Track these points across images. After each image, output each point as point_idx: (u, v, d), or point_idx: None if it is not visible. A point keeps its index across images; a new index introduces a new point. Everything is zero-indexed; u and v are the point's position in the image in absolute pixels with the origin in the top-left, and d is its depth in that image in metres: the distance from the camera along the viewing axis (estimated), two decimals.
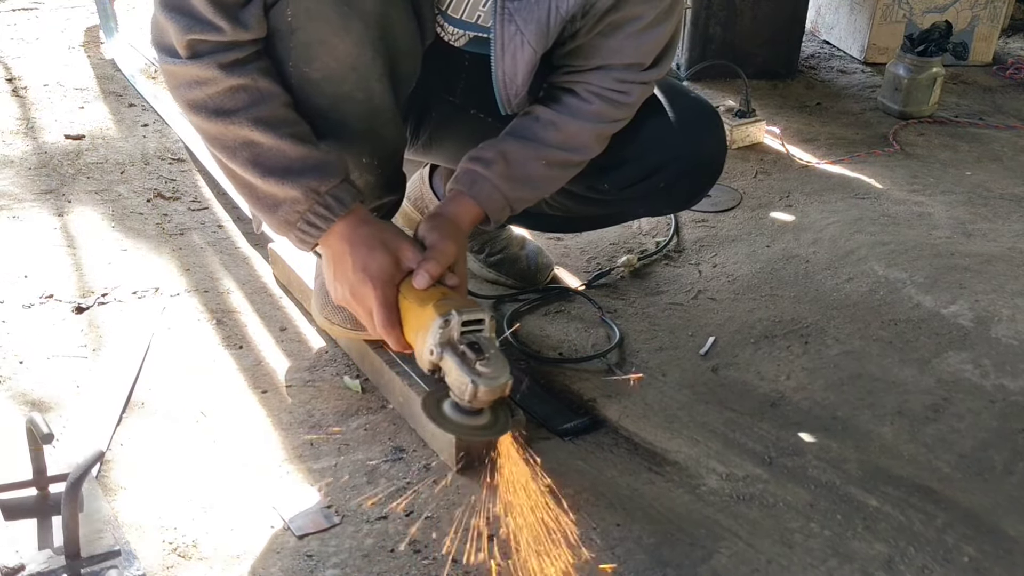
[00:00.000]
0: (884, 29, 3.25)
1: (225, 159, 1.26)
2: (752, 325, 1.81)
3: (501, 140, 1.41)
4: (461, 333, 1.18)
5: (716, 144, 1.57)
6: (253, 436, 1.47)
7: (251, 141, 1.22)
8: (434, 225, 1.33)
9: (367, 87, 1.30)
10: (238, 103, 1.21)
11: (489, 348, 1.17)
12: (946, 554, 1.28)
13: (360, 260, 1.24)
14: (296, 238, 1.28)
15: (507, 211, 1.42)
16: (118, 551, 1.15)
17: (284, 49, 1.25)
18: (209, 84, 1.20)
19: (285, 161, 1.23)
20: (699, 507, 1.35)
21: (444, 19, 1.40)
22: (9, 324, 1.72)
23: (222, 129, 1.22)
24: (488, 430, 1.19)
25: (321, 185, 1.24)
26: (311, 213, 1.24)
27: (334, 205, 1.25)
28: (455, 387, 1.16)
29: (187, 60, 1.19)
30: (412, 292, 1.24)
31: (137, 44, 3.13)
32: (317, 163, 1.24)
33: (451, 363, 1.16)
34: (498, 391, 1.15)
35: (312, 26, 1.23)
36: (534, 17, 1.28)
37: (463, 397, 1.15)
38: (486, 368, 1.15)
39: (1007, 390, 1.62)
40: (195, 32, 1.17)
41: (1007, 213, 2.28)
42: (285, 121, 1.24)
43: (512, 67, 1.33)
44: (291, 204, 1.24)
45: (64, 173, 2.30)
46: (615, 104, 1.40)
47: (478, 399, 1.15)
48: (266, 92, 1.22)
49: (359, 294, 1.26)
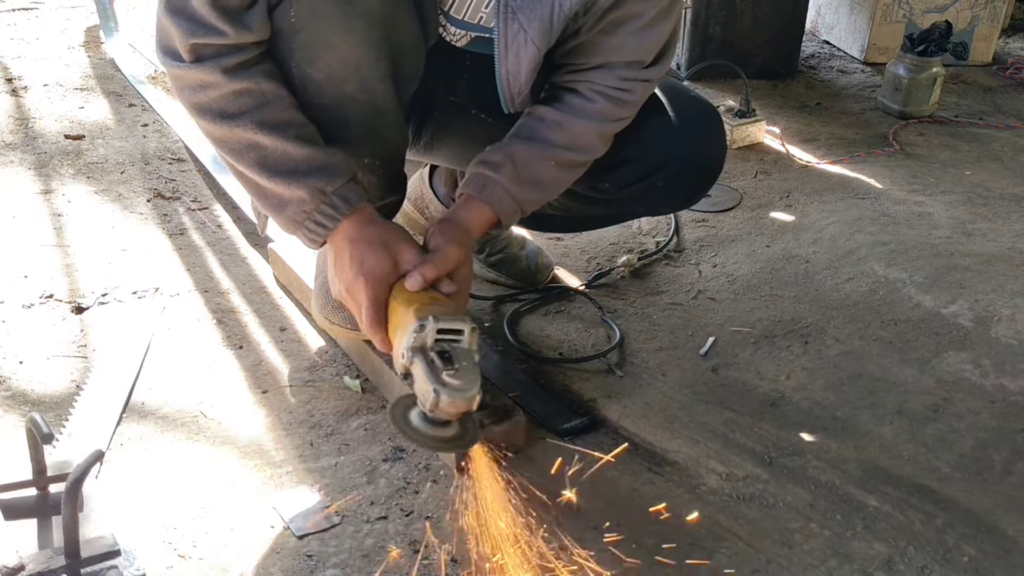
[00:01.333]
0: (884, 29, 3.25)
1: (232, 161, 1.26)
2: (752, 325, 1.81)
3: (508, 143, 1.41)
4: (436, 340, 1.14)
5: (716, 143, 1.57)
6: (253, 436, 1.47)
7: (256, 143, 1.23)
8: (441, 230, 1.32)
9: (370, 88, 1.30)
10: (242, 107, 1.21)
11: (462, 359, 1.13)
12: (946, 554, 1.28)
13: (358, 257, 1.25)
14: (304, 236, 1.29)
15: (518, 214, 1.42)
16: (118, 551, 1.15)
17: (287, 50, 1.25)
18: (213, 88, 1.20)
19: (291, 163, 1.23)
20: (699, 507, 1.35)
21: (447, 19, 1.40)
22: (9, 324, 1.72)
23: (227, 132, 1.23)
24: (451, 443, 1.15)
25: (327, 185, 1.24)
26: (317, 213, 1.25)
27: (340, 205, 1.25)
28: (420, 394, 1.13)
29: (191, 64, 1.19)
30: (403, 294, 1.23)
31: (137, 44, 3.13)
32: (323, 164, 1.25)
33: (420, 369, 1.12)
34: (462, 404, 1.10)
35: (315, 27, 1.23)
36: (537, 15, 1.28)
37: (425, 405, 1.12)
38: (453, 379, 1.10)
39: (1007, 390, 1.62)
40: (198, 36, 1.17)
41: (1007, 213, 2.28)
42: (290, 123, 1.24)
43: (515, 65, 1.33)
44: (298, 204, 1.25)
45: (64, 173, 2.30)
46: (618, 102, 1.40)
47: (440, 409, 1.10)
48: (271, 95, 1.23)
49: (353, 290, 1.26)
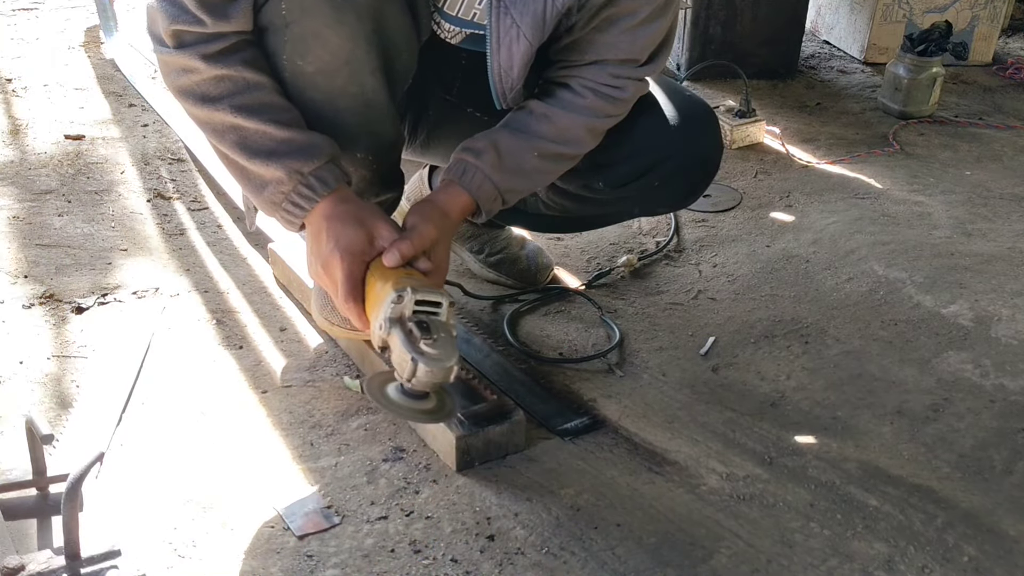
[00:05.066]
0: (884, 29, 3.25)
1: (215, 141, 1.29)
2: (752, 325, 1.81)
3: (493, 131, 1.42)
4: (413, 312, 1.15)
5: (712, 142, 1.57)
6: (253, 436, 1.47)
7: (236, 125, 1.25)
8: (418, 209, 1.35)
9: (360, 81, 1.31)
10: (222, 91, 1.24)
11: (439, 331, 1.13)
12: (946, 554, 1.28)
13: (334, 234, 1.26)
14: (282, 218, 1.31)
15: (499, 202, 1.42)
16: (118, 551, 1.15)
17: (279, 43, 1.26)
18: (194, 73, 1.23)
19: (270, 144, 1.25)
20: (699, 507, 1.35)
21: (440, 15, 1.40)
22: (9, 324, 1.72)
23: (209, 115, 1.26)
24: (429, 415, 1.16)
25: (304, 166, 1.26)
26: (295, 193, 1.27)
27: (317, 185, 1.26)
28: (397, 365, 1.13)
29: (174, 49, 1.23)
30: (380, 269, 1.24)
31: (137, 44, 3.13)
32: (302, 145, 1.26)
33: (397, 339, 1.12)
34: (440, 374, 1.11)
35: (306, 19, 1.24)
36: (530, 10, 1.28)
37: (403, 375, 1.12)
38: (431, 349, 1.11)
39: (1007, 390, 1.62)
40: (180, 23, 1.20)
41: (1007, 213, 2.28)
42: (270, 107, 1.26)
43: (508, 60, 1.34)
44: (276, 185, 1.26)
45: (64, 173, 2.30)
46: (609, 99, 1.40)
47: (417, 378, 1.11)
48: (252, 82, 1.25)
49: (329, 266, 1.27)
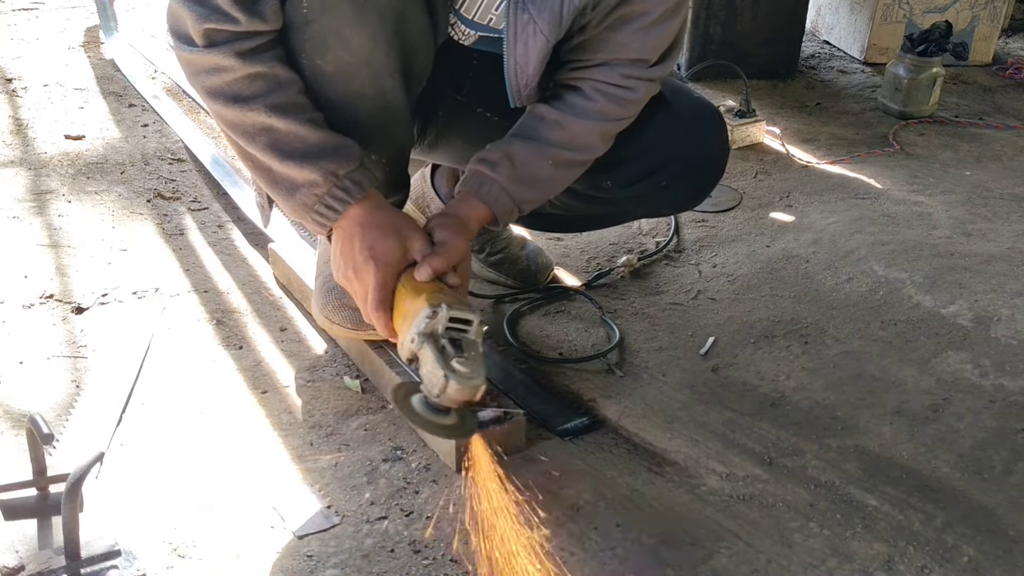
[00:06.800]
0: (884, 29, 3.26)
1: (244, 144, 1.26)
2: (752, 325, 1.81)
3: (507, 142, 1.42)
4: (446, 328, 1.16)
5: (718, 143, 1.57)
6: (253, 436, 1.47)
7: (269, 126, 1.23)
8: (444, 223, 1.33)
9: (379, 83, 1.30)
10: (256, 90, 1.22)
11: (471, 349, 1.15)
12: (946, 554, 1.28)
13: (369, 241, 1.25)
14: (313, 220, 1.29)
15: (515, 212, 1.42)
16: (118, 551, 1.15)
17: (298, 41, 1.25)
18: (226, 72, 1.21)
19: (304, 145, 1.24)
20: (699, 507, 1.35)
21: (457, 18, 1.40)
22: (9, 324, 1.72)
23: (240, 115, 1.23)
24: (450, 431, 1.17)
25: (340, 168, 1.24)
26: (329, 196, 1.25)
27: (352, 188, 1.25)
28: (427, 379, 1.14)
29: (204, 48, 1.20)
30: (411, 282, 1.24)
31: (137, 44, 3.13)
32: (336, 147, 1.25)
33: (428, 354, 1.14)
34: (468, 392, 1.12)
35: (327, 18, 1.23)
36: (547, 6, 1.28)
37: (432, 391, 1.13)
38: (462, 367, 1.12)
39: (1006, 390, 1.62)
40: (211, 21, 1.17)
41: (1007, 213, 2.28)
42: (303, 107, 1.25)
43: (524, 56, 1.33)
44: (309, 187, 1.25)
45: (64, 173, 2.30)
46: (619, 101, 1.40)
47: (447, 395, 1.12)
48: (284, 79, 1.23)
49: (361, 273, 1.26)
